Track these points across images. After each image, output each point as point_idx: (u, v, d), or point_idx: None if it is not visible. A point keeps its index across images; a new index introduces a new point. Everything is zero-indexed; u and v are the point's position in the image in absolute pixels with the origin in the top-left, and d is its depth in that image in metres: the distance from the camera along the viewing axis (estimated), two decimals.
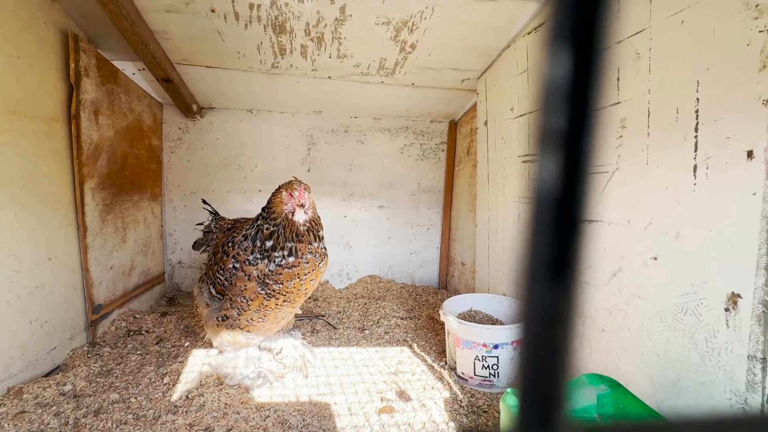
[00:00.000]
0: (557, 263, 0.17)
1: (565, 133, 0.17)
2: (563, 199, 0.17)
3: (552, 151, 0.17)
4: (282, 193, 1.60)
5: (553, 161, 0.17)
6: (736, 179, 1.06)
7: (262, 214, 1.64)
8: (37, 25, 1.69)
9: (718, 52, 1.11)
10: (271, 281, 1.57)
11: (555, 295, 0.18)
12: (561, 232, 0.17)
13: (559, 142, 0.17)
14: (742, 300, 1.04)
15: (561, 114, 0.17)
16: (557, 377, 0.18)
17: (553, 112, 0.17)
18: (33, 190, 1.65)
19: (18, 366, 1.57)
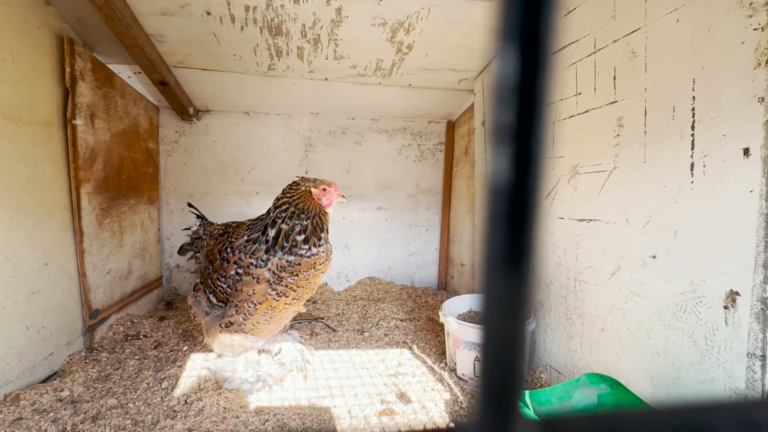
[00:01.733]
0: (511, 255, 0.18)
1: (514, 127, 0.17)
2: (515, 193, 0.18)
3: (503, 146, 0.18)
4: (311, 191, 1.68)
5: (505, 155, 0.18)
6: (733, 177, 1.06)
7: (284, 215, 1.63)
8: (32, 29, 1.68)
9: (713, 51, 1.12)
10: (287, 274, 1.58)
11: (509, 286, 0.18)
12: (514, 224, 0.18)
13: (509, 137, 0.17)
14: (741, 298, 1.04)
15: (510, 109, 0.17)
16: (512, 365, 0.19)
17: (503, 107, 0.17)
18: (29, 195, 1.64)
19: (15, 372, 1.56)
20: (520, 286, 0.18)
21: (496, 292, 0.19)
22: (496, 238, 0.18)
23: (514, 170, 0.18)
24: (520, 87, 0.17)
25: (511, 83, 0.17)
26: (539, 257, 0.18)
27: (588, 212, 1.61)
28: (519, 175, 0.18)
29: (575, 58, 1.66)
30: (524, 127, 0.17)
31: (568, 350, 1.72)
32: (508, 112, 0.17)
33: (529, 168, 0.18)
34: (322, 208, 1.69)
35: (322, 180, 1.72)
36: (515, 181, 0.18)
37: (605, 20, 1.50)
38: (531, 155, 0.18)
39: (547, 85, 0.17)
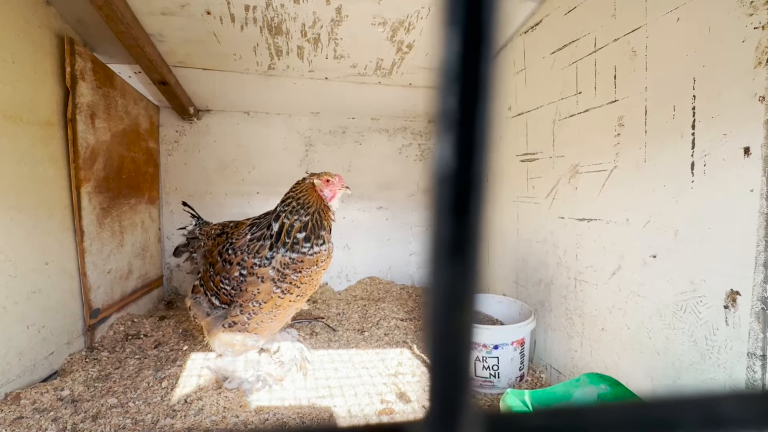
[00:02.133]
0: (456, 243, 0.18)
1: (456, 114, 0.17)
2: (458, 180, 0.18)
3: (446, 133, 0.17)
4: (314, 182, 1.66)
5: (448, 142, 0.17)
6: (733, 176, 1.06)
7: (287, 209, 1.62)
8: (32, 29, 1.68)
9: (713, 49, 1.11)
10: (291, 271, 1.57)
11: (454, 275, 0.18)
12: (458, 212, 0.18)
13: (451, 124, 0.17)
14: (741, 297, 1.04)
15: (453, 95, 0.17)
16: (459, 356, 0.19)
17: (446, 93, 0.17)
18: (29, 195, 1.64)
19: (15, 371, 1.56)
20: (466, 274, 0.18)
21: (442, 281, 0.18)
22: (440, 226, 0.18)
23: (457, 157, 0.17)
24: (463, 73, 0.17)
25: (454, 69, 0.17)
26: (484, 245, 0.18)
27: (588, 212, 1.60)
28: (462, 162, 0.17)
29: (576, 57, 1.66)
30: (467, 113, 0.17)
31: (568, 350, 1.72)
32: (451, 98, 0.17)
33: (472, 155, 0.17)
34: (324, 203, 1.66)
35: (327, 172, 1.70)
36: (458, 169, 0.17)
37: (605, 19, 1.49)
38: (474, 142, 0.17)
39: (491, 72, 0.17)
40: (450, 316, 0.19)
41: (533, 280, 1.99)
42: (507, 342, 1.68)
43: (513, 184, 2.18)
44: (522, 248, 2.10)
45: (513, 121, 2.18)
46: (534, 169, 1.99)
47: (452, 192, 0.18)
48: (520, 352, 1.72)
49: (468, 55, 0.17)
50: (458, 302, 0.19)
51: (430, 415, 0.19)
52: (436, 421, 0.19)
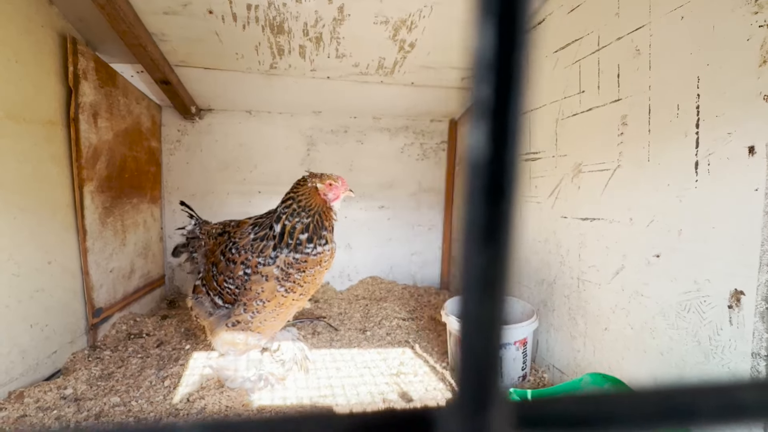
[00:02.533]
0: (488, 227, 0.18)
1: (491, 102, 0.18)
2: (492, 167, 0.18)
3: (480, 121, 0.18)
4: (317, 186, 1.66)
5: (482, 130, 0.18)
6: (738, 175, 1.05)
7: (287, 211, 1.63)
8: (35, 28, 1.69)
9: (718, 48, 1.11)
10: (295, 270, 1.58)
11: (488, 257, 0.19)
12: (492, 198, 0.18)
13: (486, 112, 0.18)
14: (746, 297, 1.03)
15: (488, 84, 0.18)
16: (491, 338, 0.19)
17: (481, 82, 0.18)
18: (32, 194, 1.65)
19: (19, 370, 1.57)
20: (499, 258, 0.19)
21: (476, 265, 0.19)
22: (474, 212, 0.18)
23: (492, 145, 0.18)
24: (498, 62, 0.17)
25: (489, 58, 0.17)
26: (517, 231, 0.19)
27: (591, 211, 1.60)
28: (496, 150, 0.18)
29: (579, 56, 1.65)
30: (501, 102, 0.18)
31: (571, 350, 1.71)
32: (486, 87, 0.18)
33: (506, 142, 0.18)
34: (326, 205, 1.67)
35: (329, 175, 1.70)
36: (493, 156, 0.18)
37: (609, 17, 1.49)
38: (508, 130, 0.18)
39: (524, 61, 0.18)
40: (483, 299, 0.19)
41: (536, 280, 1.98)
42: (509, 342, 1.68)
43: None
44: (524, 248, 2.10)
45: None
46: (536, 168, 1.98)
47: (486, 178, 0.18)
48: (523, 351, 1.72)
49: (502, 44, 0.17)
50: (491, 286, 0.19)
51: (459, 399, 0.19)
52: (465, 406, 0.19)
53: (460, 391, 0.19)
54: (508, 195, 0.18)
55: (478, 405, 0.19)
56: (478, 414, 0.19)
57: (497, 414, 0.19)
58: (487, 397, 0.19)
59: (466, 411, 0.19)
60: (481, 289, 0.19)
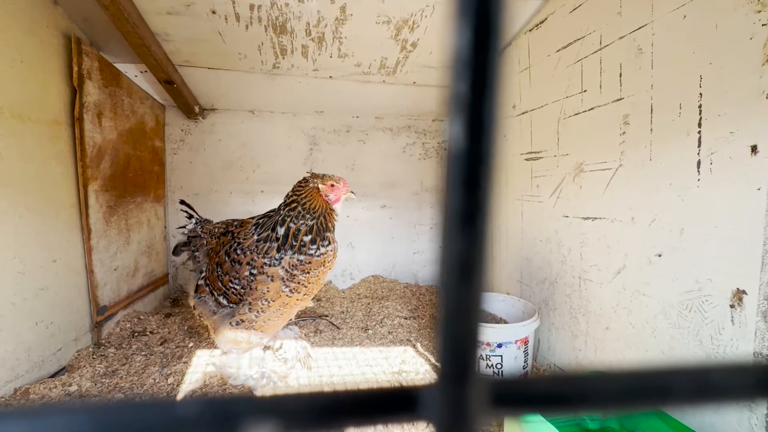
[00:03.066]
0: (466, 215, 0.20)
1: (467, 97, 0.19)
2: (469, 158, 0.19)
3: (458, 114, 0.19)
4: (319, 187, 1.68)
5: (460, 123, 0.19)
6: (740, 174, 1.05)
7: (292, 213, 1.64)
8: (40, 29, 1.70)
9: (720, 47, 1.10)
10: (299, 272, 1.60)
11: (466, 243, 0.20)
12: (469, 187, 0.20)
13: (463, 107, 0.19)
14: (748, 296, 1.03)
15: (464, 80, 0.19)
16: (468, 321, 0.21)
17: (458, 78, 0.19)
18: (37, 193, 1.66)
19: (24, 367, 1.58)
20: (476, 243, 0.20)
21: (455, 250, 0.20)
22: (453, 201, 0.20)
23: (468, 137, 0.19)
24: (473, 60, 0.19)
25: (465, 56, 0.19)
26: (492, 219, 0.20)
27: (593, 210, 1.60)
28: (472, 141, 0.19)
29: (581, 55, 1.65)
30: (477, 97, 0.19)
31: (572, 349, 1.71)
32: (462, 83, 0.19)
33: (481, 135, 0.19)
34: (329, 206, 1.69)
35: (331, 176, 1.71)
36: (469, 148, 0.19)
37: (611, 17, 1.49)
38: (483, 123, 0.19)
39: (498, 59, 0.19)
40: (461, 282, 0.20)
41: (537, 279, 1.98)
42: (511, 340, 1.68)
43: (517, 182, 2.18)
44: (526, 247, 2.10)
45: (517, 119, 2.17)
46: (538, 167, 1.98)
47: (463, 168, 0.20)
48: (524, 350, 1.72)
49: (478, 43, 0.19)
50: (469, 269, 0.20)
51: (440, 378, 0.20)
52: (445, 384, 0.20)
53: (441, 371, 0.20)
54: (484, 185, 0.20)
55: (457, 383, 0.20)
56: (457, 391, 0.20)
57: (474, 391, 0.20)
58: (465, 376, 0.20)
59: (446, 389, 0.20)
60: (460, 273, 0.20)
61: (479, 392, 0.21)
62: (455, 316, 0.20)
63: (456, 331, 0.20)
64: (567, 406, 0.22)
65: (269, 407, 0.21)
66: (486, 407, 0.21)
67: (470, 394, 0.20)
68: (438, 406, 0.20)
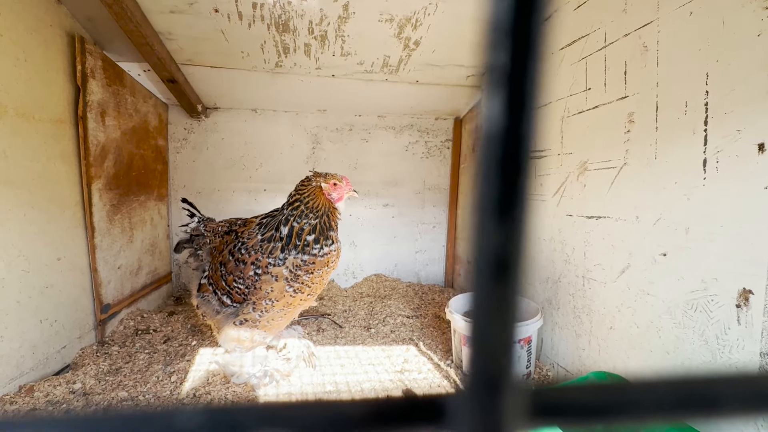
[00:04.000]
0: (504, 201, 0.17)
1: (508, 69, 0.17)
2: (509, 137, 0.17)
3: (497, 89, 0.17)
4: (322, 186, 1.68)
5: (498, 99, 0.17)
6: (747, 173, 1.04)
7: (295, 213, 1.63)
8: (44, 28, 1.70)
9: (727, 44, 1.09)
10: (303, 272, 1.60)
11: (503, 233, 0.18)
12: (507, 170, 0.17)
13: (503, 80, 0.17)
14: (754, 296, 1.02)
15: (504, 51, 0.17)
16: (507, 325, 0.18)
17: (497, 48, 0.17)
18: (42, 192, 1.67)
19: (29, 365, 1.59)
20: (514, 236, 0.18)
21: (491, 244, 0.18)
22: (488, 184, 0.17)
23: (508, 114, 0.17)
24: (514, 28, 0.17)
25: (505, 24, 0.17)
26: (531, 206, 0.18)
27: (597, 209, 1.59)
28: (513, 120, 0.17)
29: (585, 53, 1.64)
30: (518, 69, 0.17)
31: (576, 348, 1.70)
32: (502, 53, 0.17)
33: (523, 112, 0.17)
34: (332, 205, 1.69)
35: (333, 174, 1.71)
36: (509, 126, 0.17)
37: (616, 14, 1.47)
38: (525, 99, 0.17)
39: (542, 27, 0.17)
40: (499, 281, 0.18)
41: (541, 278, 1.98)
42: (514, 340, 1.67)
43: None
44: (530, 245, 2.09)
45: None
46: (542, 166, 1.97)
47: (502, 149, 0.17)
48: (527, 350, 1.71)
49: (520, 8, 0.16)
50: (507, 266, 0.18)
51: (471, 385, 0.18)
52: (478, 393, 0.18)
53: (473, 378, 0.19)
54: (523, 167, 0.17)
55: (491, 392, 0.18)
56: (491, 401, 0.18)
57: (511, 401, 0.18)
58: (500, 384, 0.18)
59: (478, 398, 0.18)
60: (497, 269, 0.18)
61: (516, 403, 0.18)
62: (490, 319, 0.18)
63: (490, 335, 0.18)
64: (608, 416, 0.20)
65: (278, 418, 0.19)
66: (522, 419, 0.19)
67: (506, 404, 0.18)
68: (469, 417, 0.18)
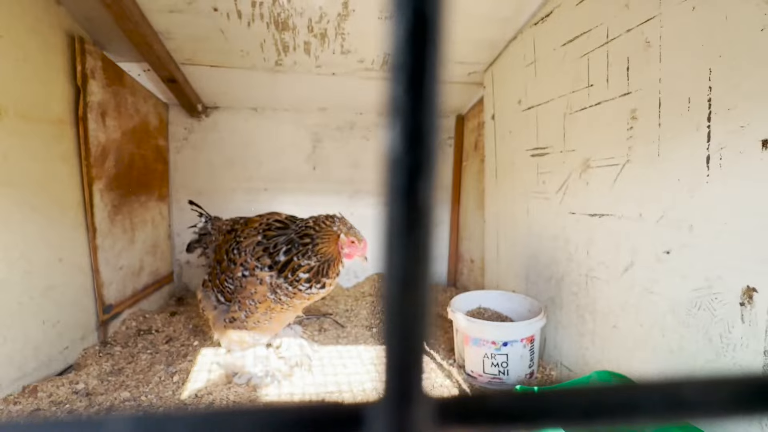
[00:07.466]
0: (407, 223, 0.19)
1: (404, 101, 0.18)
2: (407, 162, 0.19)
3: (394, 119, 0.19)
4: (341, 237, 1.62)
5: (396, 129, 0.18)
6: (750, 169, 1.03)
7: (301, 249, 1.60)
8: (44, 29, 1.70)
9: (730, 39, 1.08)
10: (282, 293, 1.62)
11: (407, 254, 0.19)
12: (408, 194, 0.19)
13: (399, 110, 0.18)
14: (758, 294, 1.01)
15: (399, 84, 0.18)
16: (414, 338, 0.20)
17: (394, 82, 0.18)
18: (43, 193, 1.67)
19: (32, 365, 1.60)
20: (417, 255, 0.19)
21: (396, 262, 0.19)
22: (393, 208, 0.19)
23: (406, 143, 0.18)
24: (410, 62, 0.18)
25: (401, 59, 0.18)
26: (432, 229, 0.19)
27: (600, 207, 1.58)
28: (411, 147, 0.18)
29: (587, 49, 1.62)
30: (413, 100, 0.18)
31: (579, 348, 1.70)
32: (397, 86, 0.18)
33: (420, 140, 0.18)
34: (339, 257, 1.65)
35: (357, 232, 1.66)
36: (407, 153, 0.18)
37: (618, 9, 1.46)
38: (421, 127, 0.18)
39: (436, 60, 0.18)
40: (404, 297, 0.19)
41: (544, 277, 1.97)
42: (516, 339, 1.66)
43: (523, 179, 2.16)
44: (532, 244, 2.08)
45: (523, 115, 2.14)
46: (544, 163, 1.96)
47: (402, 176, 0.18)
48: (530, 349, 1.71)
49: (414, 43, 0.18)
50: (411, 282, 0.19)
51: (384, 396, 0.20)
52: (390, 403, 0.20)
53: (385, 389, 0.20)
54: (423, 193, 0.19)
55: (402, 402, 0.20)
56: (402, 410, 0.20)
57: (420, 410, 0.20)
58: (410, 394, 0.20)
59: (391, 408, 0.20)
60: (402, 285, 0.19)
61: (425, 411, 0.20)
62: (398, 331, 0.20)
63: (400, 347, 0.20)
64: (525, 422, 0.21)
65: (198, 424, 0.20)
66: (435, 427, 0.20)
67: (416, 413, 0.20)
68: (382, 426, 0.20)
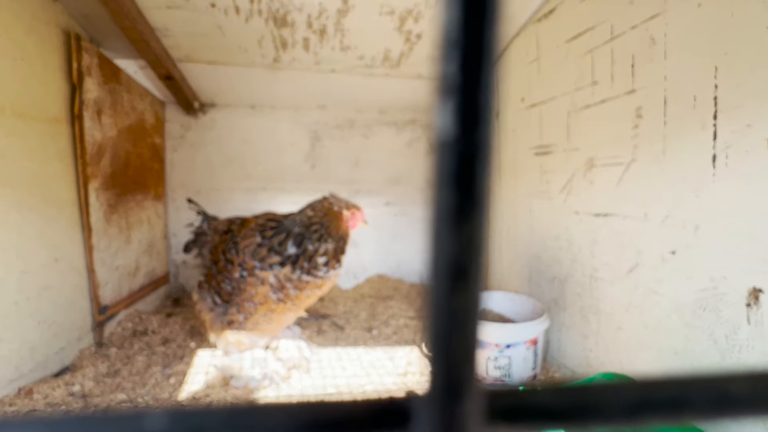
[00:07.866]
0: (460, 212, 0.18)
1: (457, 79, 0.17)
2: (461, 147, 0.18)
3: (447, 99, 0.18)
4: (344, 213, 1.74)
5: (449, 109, 0.18)
6: (757, 169, 1.01)
7: (313, 236, 1.65)
8: (40, 26, 1.67)
9: (737, 36, 1.06)
10: (292, 286, 1.60)
11: (459, 244, 0.18)
12: (462, 180, 0.18)
13: (453, 89, 0.17)
14: (764, 295, 1.00)
15: (453, 61, 0.17)
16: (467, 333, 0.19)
17: (446, 59, 0.17)
18: (39, 192, 1.64)
19: (28, 366, 1.57)
20: (471, 244, 0.18)
21: (445, 253, 0.18)
22: (443, 195, 0.18)
23: (460, 124, 0.17)
24: (463, 39, 0.17)
25: (455, 35, 0.17)
26: (488, 215, 0.18)
27: (604, 207, 1.56)
28: (465, 129, 0.17)
29: (591, 46, 1.61)
30: (468, 78, 0.17)
31: (582, 349, 1.68)
32: (451, 63, 0.17)
33: (475, 121, 0.17)
34: (348, 230, 1.74)
35: (351, 203, 1.79)
36: (461, 135, 0.17)
37: (623, 6, 1.44)
38: (477, 108, 0.17)
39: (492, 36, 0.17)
40: (455, 287, 0.18)
41: (547, 277, 1.95)
42: (519, 341, 1.65)
43: (526, 178, 2.14)
44: (535, 244, 2.06)
45: (526, 113, 2.12)
46: (548, 162, 1.94)
47: (456, 159, 0.18)
48: (533, 351, 1.69)
49: (469, 18, 0.17)
50: (465, 274, 0.18)
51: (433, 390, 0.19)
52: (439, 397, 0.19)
53: (433, 383, 0.19)
54: (477, 177, 0.18)
55: (452, 396, 0.19)
56: (452, 405, 0.19)
57: (471, 406, 0.19)
58: (461, 389, 0.19)
59: (440, 402, 0.19)
60: (454, 277, 0.18)
61: (476, 407, 0.19)
62: (448, 326, 0.19)
63: (450, 341, 0.19)
64: (571, 420, 0.20)
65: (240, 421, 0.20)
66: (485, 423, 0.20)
67: (467, 409, 0.19)
68: (432, 421, 0.19)
